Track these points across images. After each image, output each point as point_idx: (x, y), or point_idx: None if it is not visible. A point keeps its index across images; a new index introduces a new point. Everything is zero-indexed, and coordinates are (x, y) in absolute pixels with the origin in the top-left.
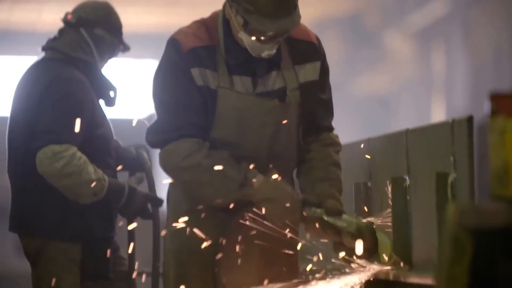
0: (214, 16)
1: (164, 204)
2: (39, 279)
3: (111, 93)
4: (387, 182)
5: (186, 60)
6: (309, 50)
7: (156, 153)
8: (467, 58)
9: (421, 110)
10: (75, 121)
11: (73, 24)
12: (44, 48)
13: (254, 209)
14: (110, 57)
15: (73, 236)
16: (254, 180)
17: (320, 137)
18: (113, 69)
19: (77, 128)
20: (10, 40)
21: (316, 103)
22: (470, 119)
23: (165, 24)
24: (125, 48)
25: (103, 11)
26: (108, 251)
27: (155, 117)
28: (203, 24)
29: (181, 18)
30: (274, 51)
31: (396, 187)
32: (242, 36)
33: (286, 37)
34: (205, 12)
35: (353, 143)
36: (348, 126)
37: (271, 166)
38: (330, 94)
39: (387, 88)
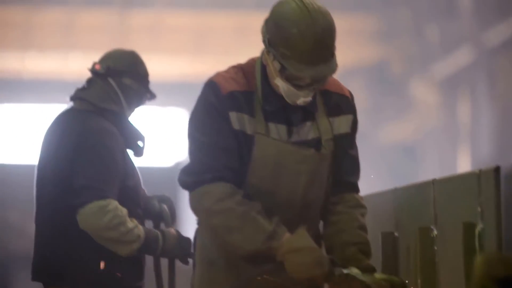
0: (251, 62)
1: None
2: None
3: (140, 143)
4: (414, 232)
5: (225, 103)
6: (343, 103)
7: (182, 201)
8: (493, 106)
9: (447, 158)
10: (112, 174)
11: (102, 74)
12: (72, 98)
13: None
14: (138, 105)
15: (102, 287)
16: (282, 235)
17: (346, 198)
18: (138, 117)
19: (114, 181)
20: (37, 88)
21: (345, 157)
22: (497, 170)
23: (190, 73)
24: (152, 96)
25: (130, 60)
26: None
27: (182, 165)
28: (241, 70)
29: (206, 67)
30: (309, 98)
31: (423, 237)
32: (278, 82)
33: (321, 89)
34: (229, 60)
35: (380, 192)
36: (374, 175)
37: (300, 220)
38: (357, 152)
39: (413, 137)
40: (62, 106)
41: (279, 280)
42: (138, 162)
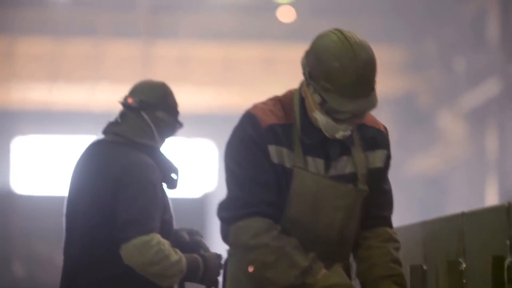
0: (289, 94)
1: None
2: None
3: (174, 175)
4: (443, 265)
5: (264, 137)
6: (378, 137)
7: (209, 233)
8: None
9: (475, 190)
10: (155, 208)
11: (135, 108)
12: (105, 132)
13: None
14: (169, 136)
15: None
16: (318, 271)
17: (378, 232)
18: (167, 148)
19: (157, 215)
20: (64, 119)
21: (379, 191)
22: None
23: (216, 104)
24: (180, 126)
25: (162, 93)
26: None
27: (210, 196)
28: (279, 102)
29: (232, 98)
30: (348, 132)
31: (452, 270)
32: (317, 115)
33: (358, 124)
34: (255, 92)
35: (408, 225)
36: (401, 207)
37: (335, 254)
38: (390, 186)
39: (440, 169)
40: (89, 137)
41: None
42: (167, 193)
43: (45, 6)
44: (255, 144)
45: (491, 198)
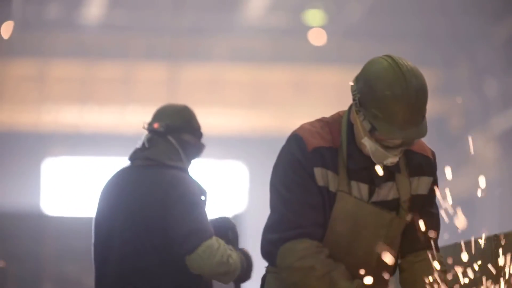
0: (337, 117)
1: None
2: None
3: (202, 197)
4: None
5: (310, 159)
6: (425, 164)
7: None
8: None
9: (507, 212)
10: (206, 216)
11: (162, 132)
12: (134, 158)
13: None
14: (195, 158)
15: None
16: None
17: (423, 257)
18: (197, 170)
19: (209, 223)
20: (94, 141)
21: (425, 215)
22: None
23: (246, 126)
24: (203, 147)
25: (186, 116)
26: None
27: (241, 218)
28: (327, 124)
29: (262, 120)
30: (397, 159)
31: None
32: (366, 142)
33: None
34: (286, 114)
35: (440, 247)
36: None
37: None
38: (438, 211)
39: (472, 191)
40: (119, 158)
41: None
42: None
43: (77, 29)
44: (302, 166)
45: None
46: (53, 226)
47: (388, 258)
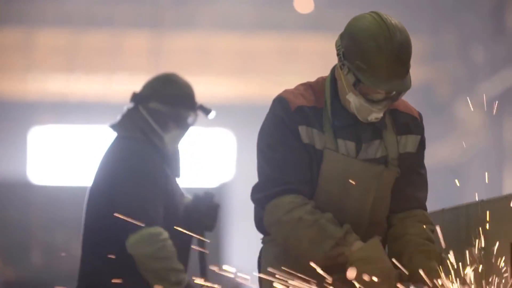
0: (321, 80)
1: None
2: None
3: (156, 173)
4: (462, 253)
5: (294, 118)
6: (412, 123)
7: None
8: None
9: (493, 179)
10: (158, 200)
11: (132, 102)
12: (112, 127)
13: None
14: (180, 127)
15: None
16: (352, 242)
17: (414, 213)
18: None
19: (160, 208)
20: (82, 110)
21: (414, 174)
22: None
23: (234, 94)
24: (206, 111)
25: (156, 84)
26: None
27: (226, 186)
28: (310, 87)
29: (250, 88)
30: (381, 114)
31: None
32: (350, 97)
33: (390, 108)
34: (273, 82)
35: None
36: None
37: (367, 237)
38: (426, 171)
39: (458, 158)
40: (106, 127)
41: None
42: (183, 183)
43: None
44: (286, 126)
45: (509, 186)
46: (39, 195)
47: (380, 212)
